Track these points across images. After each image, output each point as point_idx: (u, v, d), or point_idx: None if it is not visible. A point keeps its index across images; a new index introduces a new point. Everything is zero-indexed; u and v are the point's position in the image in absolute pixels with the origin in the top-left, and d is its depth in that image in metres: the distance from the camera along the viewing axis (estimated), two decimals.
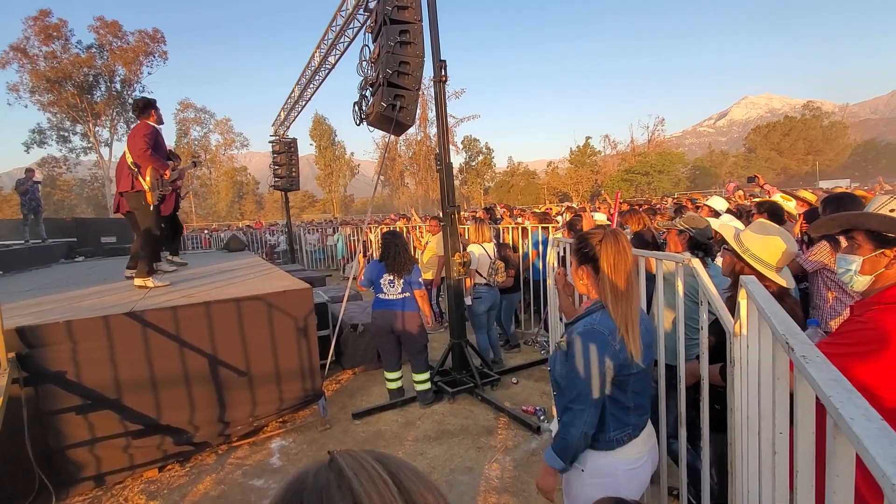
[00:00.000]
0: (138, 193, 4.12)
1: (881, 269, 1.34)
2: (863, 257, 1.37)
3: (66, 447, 2.94)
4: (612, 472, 1.55)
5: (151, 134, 4.14)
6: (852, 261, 1.40)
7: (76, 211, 41.49)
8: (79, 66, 33.18)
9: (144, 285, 4.16)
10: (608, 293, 1.52)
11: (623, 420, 1.56)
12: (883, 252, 1.33)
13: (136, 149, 4.02)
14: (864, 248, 1.37)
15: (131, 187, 4.12)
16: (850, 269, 1.40)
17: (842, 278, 1.45)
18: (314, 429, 3.77)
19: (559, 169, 53.89)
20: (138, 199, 4.14)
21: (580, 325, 1.55)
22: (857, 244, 1.39)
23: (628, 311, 1.50)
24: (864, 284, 1.39)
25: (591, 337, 1.49)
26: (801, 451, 0.83)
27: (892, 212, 1.35)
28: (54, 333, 2.91)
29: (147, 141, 4.05)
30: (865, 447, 0.50)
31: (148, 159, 4.02)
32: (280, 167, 12.12)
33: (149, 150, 4.03)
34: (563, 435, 1.53)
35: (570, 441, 1.51)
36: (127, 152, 4.11)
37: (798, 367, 0.79)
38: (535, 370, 4.86)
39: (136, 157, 4.04)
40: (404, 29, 4.12)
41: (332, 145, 52.50)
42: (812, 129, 52.21)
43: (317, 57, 8.67)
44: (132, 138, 4.09)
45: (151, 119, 4.22)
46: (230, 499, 2.95)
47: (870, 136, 72.95)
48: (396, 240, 4.06)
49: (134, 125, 4.28)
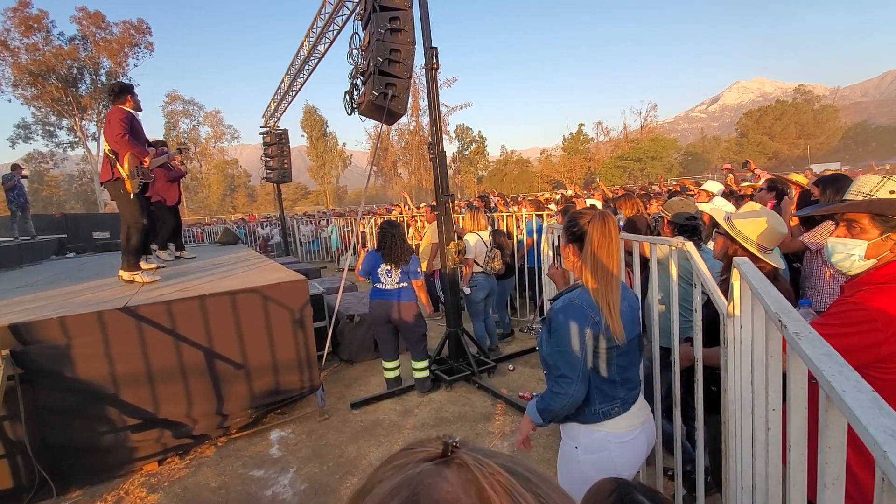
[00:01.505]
0: (117, 182, 3.87)
1: (885, 252, 1.33)
2: (868, 242, 1.35)
3: (64, 442, 2.94)
4: (605, 445, 1.58)
5: (127, 118, 3.87)
6: (855, 245, 1.37)
7: (65, 207, 40.87)
8: (62, 59, 32.47)
9: (132, 280, 4.05)
10: (588, 273, 1.55)
11: (609, 393, 1.58)
12: (889, 236, 1.32)
13: (113, 134, 3.78)
14: (871, 233, 1.35)
15: (111, 176, 3.88)
16: (853, 254, 1.37)
17: (839, 263, 1.42)
18: (313, 419, 3.79)
19: (552, 157, 53.80)
20: (117, 188, 3.89)
21: (559, 301, 1.61)
22: (862, 228, 1.36)
23: (609, 292, 1.52)
24: (863, 268, 1.38)
25: (569, 310, 1.54)
26: (794, 426, 0.85)
27: (893, 193, 1.35)
28: (49, 329, 2.89)
29: (123, 125, 3.80)
30: (857, 417, 0.52)
31: (125, 145, 3.78)
32: (272, 159, 12.02)
33: (126, 135, 3.78)
34: (548, 399, 1.58)
35: (553, 407, 1.57)
36: (103, 140, 3.89)
37: (791, 344, 0.80)
38: (531, 357, 4.90)
39: (113, 144, 3.80)
40: (394, 16, 4.07)
41: (323, 136, 51.98)
42: (803, 113, 52.36)
43: (306, 46, 8.55)
44: (107, 124, 3.85)
45: (127, 104, 3.96)
46: (231, 490, 2.97)
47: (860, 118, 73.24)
48: (393, 230, 4.05)
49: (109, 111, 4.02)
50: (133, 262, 4.13)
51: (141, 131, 4.13)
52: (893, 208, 1.31)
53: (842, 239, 1.41)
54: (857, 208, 1.38)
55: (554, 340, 1.57)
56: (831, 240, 1.44)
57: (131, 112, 3.99)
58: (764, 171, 7.47)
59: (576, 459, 1.60)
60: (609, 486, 1.01)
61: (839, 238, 1.42)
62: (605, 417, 1.58)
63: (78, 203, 43.22)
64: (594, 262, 1.53)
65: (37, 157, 39.23)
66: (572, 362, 1.52)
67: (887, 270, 1.32)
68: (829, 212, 1.53)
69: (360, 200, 6.94)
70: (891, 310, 1.23)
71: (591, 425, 1.59)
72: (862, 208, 1.37)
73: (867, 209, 1.35)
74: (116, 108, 3.90)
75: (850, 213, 1.39)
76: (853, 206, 1.39)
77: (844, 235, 1.41)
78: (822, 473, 0.68)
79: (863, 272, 1.38)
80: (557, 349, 1.56)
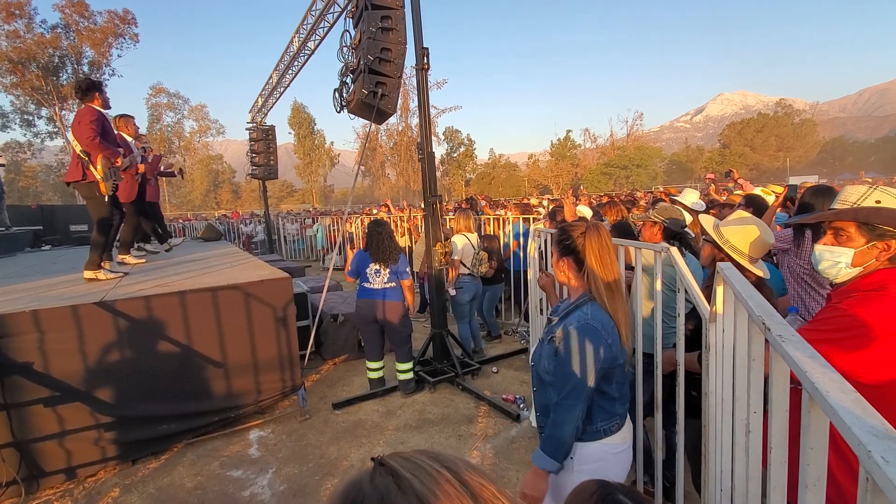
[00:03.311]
0: (91, 184, 3.84)
1: (870, 260, 1.36)
2: (854, 250, 1.37)
3: (34, 439, 2.85)
4: (602, 456, 1.57)
5: (98, 119, 3.83)
6: (842, 253, 1.39)
7: (42, 198, 39.74)
8: (43, 47, 31.67)
9: (95, 278, 3.97)
10: (601, 288, 1.53)
11: (610, 410, 1.57)
12: (875, 245, 1.34)
13: (84, 137, 3.72)
14: (857, 241, 1.37)
15: (82, 177, 3.83)
16: (840, 262, 1.39)
17: (826, 270, 1.43)
18: (294, 419, 3.74)
19: (540, 162, 54.21)
20: (91, 190, 3.87)
21: (573, 320, 1.54)
22: (849, 237, 1.38)
23: (622, 303, 1.53)
24: (849, 276, 1.39)
25: (587, 332, 1.49)
26: (775, 428, 0.86)
27: (878, 202, 1.37)
28: (20, 323, 2.80)
29: (94, 128, 3.75)
30: (841, 417, 0.52)
31: (97, 147, 3.74)
32: (258, 155, 11.86)
33: (97, 138, 3.74)
34: (554, 433, 1.49)
35: (563, 438, 1.48)
36: (73, 140, 3.82)
37: (774, 346, 0.81)
38: (515, 359, 4.91)
39: (85, 146, 3.74)
40: (386, 15, 4.06)
41: (311, 134, 51.49)
42: (784, 126, 53.65)
43: (296, 42, 8.48)
44: (77, 125, 3.78)
45: (96, 102, 3.89)
46: (207, 490, 2.91)
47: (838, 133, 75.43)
48: (381, 229, 4.03)
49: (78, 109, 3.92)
50: (97, 261, 4.05)
51: (111, 131, 4.10)
52: (879, 217, 1.33)
53: (829, 247, 1.42)
54: (844, 216, 1.39)
55: (563, 362, 1.51)
56: (818, 247, 1.46)
57: (101, 112, 3.93)
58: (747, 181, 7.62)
59: (571, 470, 1.56)
60: (591, 488, 1.01)
61: (826, 246, 1.43)
62: (605, 435, 1.57)
63: (55, 195, 42.04)
64: (602, 276, 1.52)
65: (14, 147, 38.10)
66: (581, 388, 1.48)
67: (873, 278, 1.34)
68: (817, 220, 1.56)
69: (347, 200, 6.89)
70: (877, 317, 1.25)
71: (591, 442, 1.56)
72: (849, 216, 1.38)
73: (854, 217, 1.37)
74: (87, 108, 3.84)
75: (837, 222, 1.41)
76: (840, 213, 1.41)
77: (831, 243, 1.42)
78: (804, 474, 0.68)
79: (849, 280, 1.40)
80: (567, 372, 1.49)
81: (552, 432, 1.50)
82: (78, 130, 3.77)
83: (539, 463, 1.50)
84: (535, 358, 1.68)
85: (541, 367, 1.62)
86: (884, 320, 1.24)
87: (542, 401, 1.65)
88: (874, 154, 52.49)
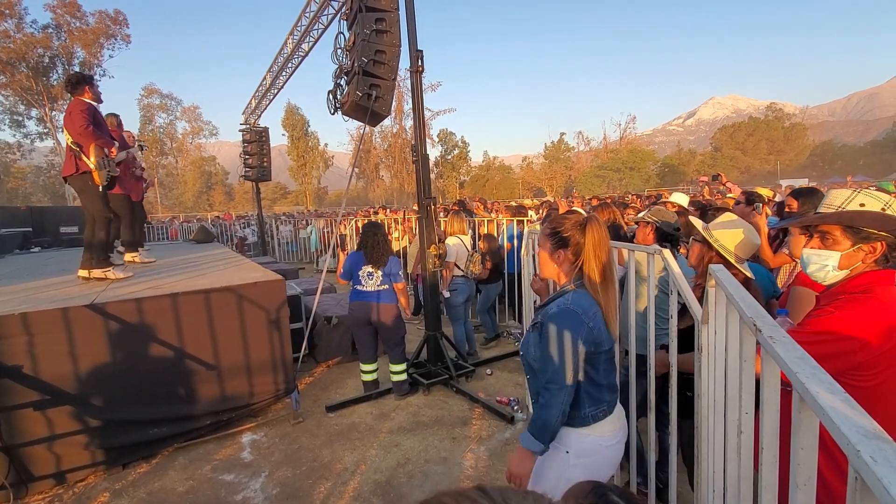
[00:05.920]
0: (84, 175, 3.75)
1: (857, 263, 1.37)
2: (841, 253, 1.39)
3: (23, 443, 2.81)
4: (596, 449, 1.59)
5: (89, 110, 3.78)
6: (829, 256, 1.40)
7: (31, 200, 39.30)
8: (33, 47, 31.40)
9: (105, 276, 3.92)
10: (596, 277, 1.55)
11: (597, 397, 1.59)
12: (860, 247, 1.36)
13: (76, 127, 3.66)
14: (843, 244, 1.38)
15: (75, 170, 3.75)
16: (827, 265, 1.41)
17: (814, 273, 1.46)
18: (287, 422, 3.71)
19: (534, 164, 54.45)
20: (84, 182, 3.78)
21: (553, 306, 1.58)
22: (835, 240, 1.40)
23: (613, 294, 1.57)
24: (837, 279, 1.41)
25: (566, 316, 1.52)
26: (766, 429, 0.87)
27: (862, 206, 1.39)
28: (9, 326, 2.76)
29: (86, 117, 3.70)
30: (830, 417, 0.53)
31: (90, 136, 3.68)
32: (251, 157, 11.82)
33: (90, 127, 3.69)
34: (541, 416, 1.53)
35: (549, 420, 1.52)
36: (66, 133, 3.76)
37: (765, 347, 0.82)
38: (510, 361, 4.91)
39: (77, 136, 3.69)
40: (380, 17, 4.06)
41: (305, 136, 51.36)
42: (774, 130, 54.29)
43: (290, 44, 8.47)
44: (69, 116, 3.74)
45: (87, 96, 3.85)
46: (199, 494, 2.88)
47: (827, 137, 76.37)
48: (376, 230, 4.02)
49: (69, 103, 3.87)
50: (102, 258, 3.99)
51: (103, 123, 4.04)
52: (863, 220, 1.35)
53: (816, 250, 1.45)
54: (829, 220, 1.41)
55: (545, 346, 1.54)
56: (806, 251, 1.48)
57: (92, 104, 3.89)
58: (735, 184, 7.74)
59: (567, 464, 1.58)
60: (585, 488, 1.02)
61: (813, 249, 1.46)
62: (594, 420, 1.58)
63: (45, 196, 41.59)
64: (597, 265, 1.54)
65: (3, 148, 37.69)
66: (563, 370, 1.50)
67: (861, 280, 1.36)
68: (803, 223, 1.58)
69: (342, 202, 6.87)
70: (865, 319, 1.27)
71: (581, 429, 1.58)
72: (833, 220, 1.40)
73: (838, 221, 1.39)
74: (77, 100, 3.81)
75: (824, 226, 1.43)
76: (825, 217, 1.43)
77: (818, 247, 1.44)
78: (795, 474, 0.69)
79: (837, 282, 1.42)
80: (549, 356, 1.53)
81: (539, 415, 1.54)
82: (69, 122, 3.73)
83: (525, 444, 1.55)
84: (524, 347, 1.71)
85: (529, 356, 1.65)
86: (870, 322, 1.26)
87: (534, 388, 1.68)
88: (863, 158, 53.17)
